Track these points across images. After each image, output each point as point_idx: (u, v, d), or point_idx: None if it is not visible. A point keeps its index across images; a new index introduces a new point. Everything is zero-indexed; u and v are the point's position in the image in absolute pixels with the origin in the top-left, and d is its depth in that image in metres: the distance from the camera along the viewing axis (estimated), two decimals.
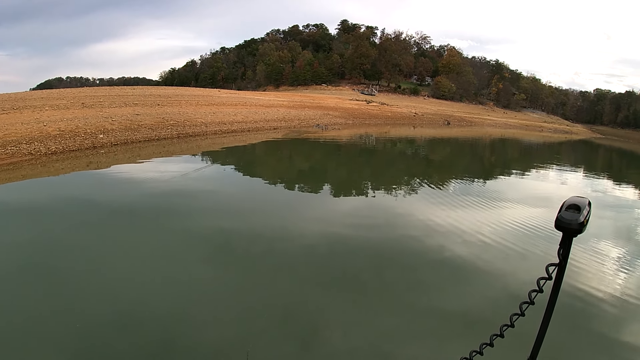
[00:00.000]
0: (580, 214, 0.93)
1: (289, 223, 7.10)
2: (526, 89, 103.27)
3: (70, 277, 4.68)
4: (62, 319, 3.87)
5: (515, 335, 1.21)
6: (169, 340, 3.67)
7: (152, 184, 9.45)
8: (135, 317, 3.95)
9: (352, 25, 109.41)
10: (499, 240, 6.58)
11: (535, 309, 1.07)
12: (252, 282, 4.86)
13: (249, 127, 21.96)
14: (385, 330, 3.92)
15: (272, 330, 3.90)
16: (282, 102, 37.65)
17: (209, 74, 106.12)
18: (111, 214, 7.12)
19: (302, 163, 15.10)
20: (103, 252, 5.42)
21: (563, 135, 63.15)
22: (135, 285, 4.59)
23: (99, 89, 34.98)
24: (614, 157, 34.70)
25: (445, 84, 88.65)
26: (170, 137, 16.26)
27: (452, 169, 16.08)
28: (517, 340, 1.39)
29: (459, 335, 3.94)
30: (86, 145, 12.95)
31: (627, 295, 4.99)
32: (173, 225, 6.71)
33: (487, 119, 69.00)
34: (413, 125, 43.47)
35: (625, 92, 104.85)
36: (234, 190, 9.56)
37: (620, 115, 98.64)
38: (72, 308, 4.05)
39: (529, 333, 1.19)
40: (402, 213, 8.06)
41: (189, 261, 5.30)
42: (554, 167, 20.27)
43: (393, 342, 3.79)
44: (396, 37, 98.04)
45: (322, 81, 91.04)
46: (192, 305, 4.25)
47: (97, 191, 8.71)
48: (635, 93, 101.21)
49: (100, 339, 3.61)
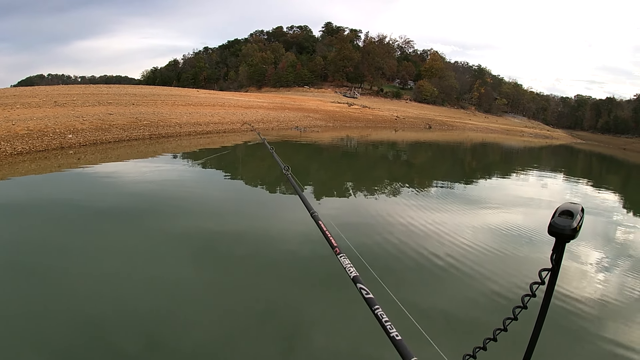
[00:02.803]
0: (573, 220, 0.95)
1: (271, 225, 7.02)
2: (508, 94, 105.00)
3: (47, 277, 4.56)
4: (42, 319, 3.78)
5: (508, 339, 1.23)
6: (152, 340, 3.61)
7: (125, 186, 9.17)
8: (118, 317, 3.88)
9: (336, 28, 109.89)
10: (480, 244, 6.61)
11: (528, 313, 1.09)
12: (236, 282, 4.83)
13: (225, 128, 21.68)
14: (368, 331, 3.84)
15: (256, 330, 3.88)
16: (262, 104, 37.45)
17: (191, 73, 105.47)
18: (87, 215, 6.90)
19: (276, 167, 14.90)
20: (82, 253, 5.29)
21: (544, 140, 64.23)
22: (117, 285, 4.51)
23: (73, 87, 34.27)
24: (593, 162, 35.43)
25: (427, 88, 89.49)
26: (142, 138, 15.89)
27: (433, 173, 16.16)
28: (511, 343, 1.42)
29: (440, 335, 3.96)
30: (53, 145, 12.58)
31: (607, 297, 5.09)
32: (148, 227, 6.57)
33: (468, 123, 69.71)
34: (394, 128, 43.65)
35: (605, 99, 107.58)
36: (210, 193, 9.36)
37: (601, 121, 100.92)
38: (52, 308, 3.96)
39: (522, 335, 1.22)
40: (383, 215, 8.03)
41: (170, 263, 5.23)
42: (535, 171, 20.52)
43: (375, 342, 3.71)
44: (380, 41, 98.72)
45: (305, 83, 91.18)
46: (176, 305, 4.21)
47: (69, 192, 8.41)
48: (615, 99, 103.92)
49: (82, 340, 3.53)
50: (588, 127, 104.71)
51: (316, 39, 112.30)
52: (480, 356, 1.18)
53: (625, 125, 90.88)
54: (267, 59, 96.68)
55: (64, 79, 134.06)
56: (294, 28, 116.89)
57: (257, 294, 4.57)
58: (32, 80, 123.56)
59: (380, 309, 1.36)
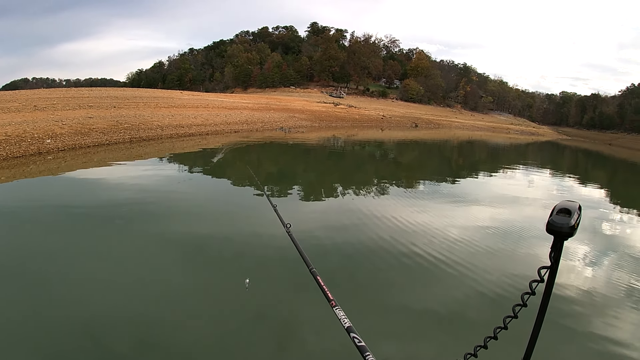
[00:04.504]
0: (571, 218, 0.95)
1: (258, 226, 6.95)
2: (493, 92, 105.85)
3: (35, 283, 4.52)
4: (31, 324, 3.74)
5: (508, 337, 1.24)
6: (143, 344, 3.61)
7: (107, 191, 9.06)
8: (108, 321, 3.86)
9: (322, 28, 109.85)
10: (469, 241, 6.68)
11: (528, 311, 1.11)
12: (225, 284, 4.83)
13: (208, 130, 21.56)
14: (359, 330, 3.86)
15: (247, 331, 3.89)
16: (246, 105, 37.30)
17: (177, 75, 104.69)
18: (66, 220, 6.87)
19: (262, 167, 14.83)
20: (68, 259, 5.25)
21: (530, 136, 65.10)
22: (105, 289, 4.48)
23: (54, 91, 33.79)
24: (580, 158, 36.04)
25: (413, 87, 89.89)
26: (123, 142, 15.71)
27: (420, 171, 16.29)
28: (511, 342, 1.43)
29: (431, 334, 4.04)
30: (31, 151, 12.38)
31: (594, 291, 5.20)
32: (133, 231, 6.54)
33: (454, 121, 70.29)
34: (381, 127, 43.89)
35: (590, 95, 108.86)
36: (196, 196, 9.26)
37: (586, 117, 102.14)
38: (41, 313, 3.92)
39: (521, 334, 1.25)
40: (371, 214, 8.06)
41: (159, 266, 5.22)
42: (521, 167, 20.85)
43: (367, 341, 3.74)
44: (365, 40, 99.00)
45: (291, 83, 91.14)
46: (167, 308, 4.20)
47: (51, 197, 8.28)
48: (600, 95, 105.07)
49: (71, 345, 3.51)
50: (573, 123, 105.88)
51: (302, 39, 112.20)
52: (481, 355, 1.19)
53: (611, 120, 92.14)
54: (252, 59, 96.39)
55: (48, 83, 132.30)
56: (280, 28, 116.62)
57: (248, 294, 4.55)
58: (16, 84, 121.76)
59: (370, 355, 1.39)
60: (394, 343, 3.87)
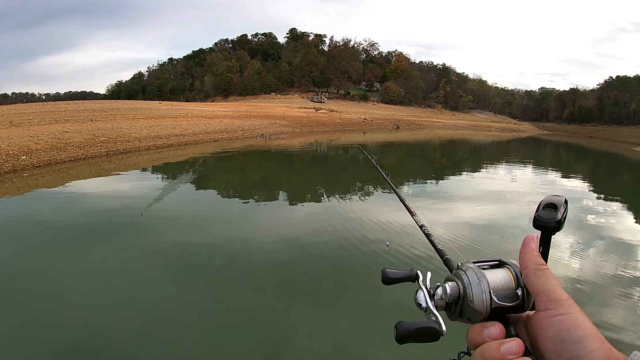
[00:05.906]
0: (557, 212, 0.86)
1: (246, 234, 7.00)
2: (473, 91, 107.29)
3: (18, 301, 4.47)
4: (18, 344, 3.69)
5: None
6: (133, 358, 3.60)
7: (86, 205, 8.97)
8: (97, 338, 3.81)
9: (301, 34, 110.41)
10: (458, 239, 6.74)
11: None
12: (215, 294, 4.83)
13: (187, 140, 21.45)
14: (349, 333, 4.02)
15: (239, 339, 3.90)
16: (226, 113, 37.23)
17: (156, 85, 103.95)
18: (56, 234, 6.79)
19: (242, 177, 14.82)
20: (52, 276, 5.20)
21: (511, 133, 65.87)
22: (96, 306, 4.42)
23: (31, 106, 33.43)
24: (561, 151, 36.60)
25: (393, 89, 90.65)
26: (99, 155, 15.57)
27: (403, 172, 16.25)
28: None
29: None
30: (6, 168, 12.21)
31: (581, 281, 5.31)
32: (118, 244, 6.45)
33: (436, 121, 70.96)
34: (363, 130, 44.11)
35: (569, 89, 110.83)
36: (180, 206, 9.23)
37: (566, 111, 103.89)
38: (29, 333, 3.86)
39: None
40: (356, 218, 8.09)
41: (148, 279, 5.19)
42: (504, 164, 21.16)
43: (357, 344, 3.89)
44: (345, 45, 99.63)
45: (272, 90, 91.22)
46: (156, 322, 4.17)
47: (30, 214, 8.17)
48: (579, 90, 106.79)
49: None
50: (553, 118, 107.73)
51: (281, 45, 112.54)
52: None
53: (590, 114, 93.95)
54: (232, 67, 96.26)
55: (28, 97, 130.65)
56: (259, 35, 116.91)
57: (239, 302, 4.61)
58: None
59: None
60: (390, 342, 3.89)
